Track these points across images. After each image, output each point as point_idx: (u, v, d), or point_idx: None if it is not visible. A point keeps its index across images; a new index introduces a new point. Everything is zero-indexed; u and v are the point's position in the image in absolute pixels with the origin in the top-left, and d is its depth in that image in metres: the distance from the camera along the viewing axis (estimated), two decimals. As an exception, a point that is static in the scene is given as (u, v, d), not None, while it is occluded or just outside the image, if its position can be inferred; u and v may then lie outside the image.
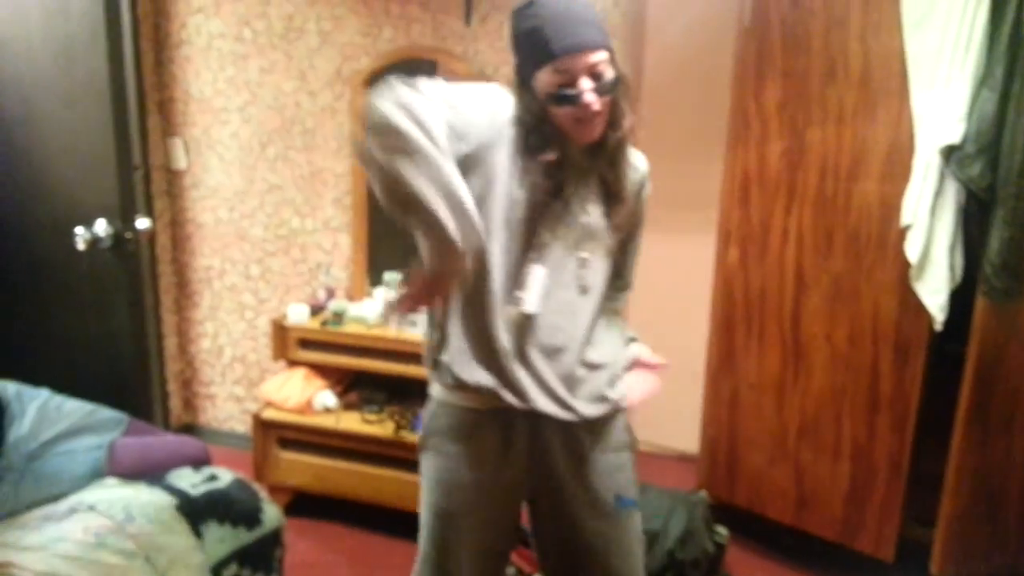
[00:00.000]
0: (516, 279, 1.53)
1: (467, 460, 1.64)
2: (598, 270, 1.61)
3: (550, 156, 1.50)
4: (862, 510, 2.61)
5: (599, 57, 1.43)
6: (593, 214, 1.57)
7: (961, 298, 2.33)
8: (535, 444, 1.62)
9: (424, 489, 1.71)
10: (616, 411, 1.67)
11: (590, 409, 1.60)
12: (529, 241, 1.53)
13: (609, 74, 1.45)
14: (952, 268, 2.30)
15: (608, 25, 1.50)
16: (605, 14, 2.93)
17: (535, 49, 1.43)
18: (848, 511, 2.64)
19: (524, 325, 1.54)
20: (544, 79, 1.44)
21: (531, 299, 1.53)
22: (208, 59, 3.39)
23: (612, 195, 1.59)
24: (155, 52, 3.44)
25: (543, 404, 1.56)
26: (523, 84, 1.49)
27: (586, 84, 1.42)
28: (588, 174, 1.56)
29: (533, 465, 1.64)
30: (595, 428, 1.64)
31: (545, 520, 1.71)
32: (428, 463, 1.70)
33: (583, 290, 1.58)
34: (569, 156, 1.53)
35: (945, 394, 2.45)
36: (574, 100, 1.42)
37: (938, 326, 2.33)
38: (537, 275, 1.53)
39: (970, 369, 2.37)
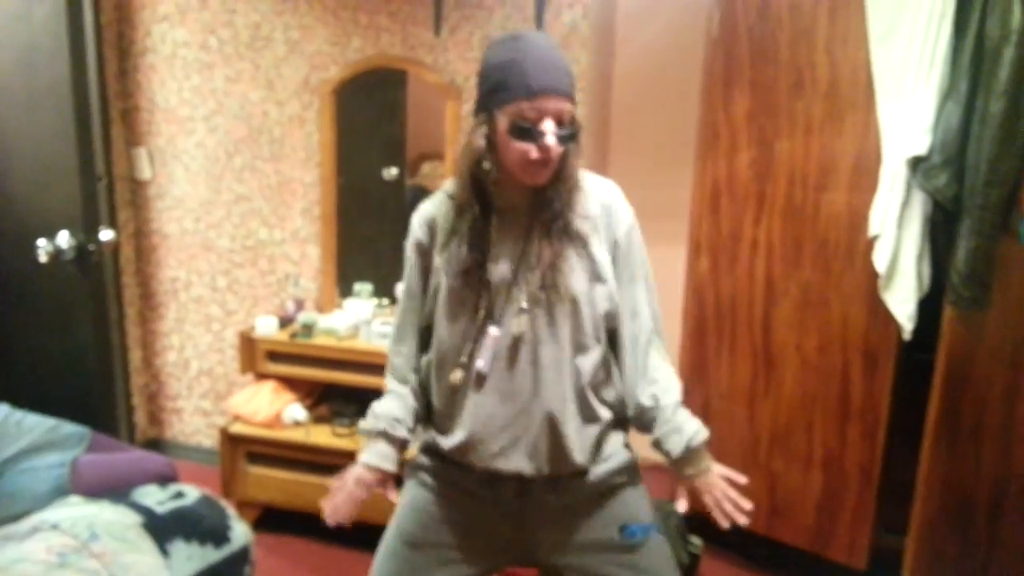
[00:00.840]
0: (474, 347, 1.56)
1: (450, 501, 1.65)
2: (562, 328, 1.54)
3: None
4: (834, 519, 2.62)
5: (567, 106, 1.45)
6: (553, 265, 1.53)
7: (930, 307, 2.36)
8: (528, 495, 1.61)
9: (397, 512, 1.72)
10: (601, 448, 1.64)
11: (567, 467, 1.58)
12: (472, 307, 1.56)
13: (571, 122, 1.48)
14: (920, 277, 2.33)
15: (573, 55, 1.53)
16: (575, 24, 2.94)
17: (511, 81, 1.43)
18: (820, 520, 2.65)
19: (480, 387, 1.56)
20: (511, 111, 1.44)
21: (481, 361, 1.54)
22: (173, 68, 3.35)
23: (570, 242, 1.55)
24: (119, 60, 3.39)
25: (516, 464, 1.56)
26: (486, 112, 1.49)
27: (549, 126, 1.43)
28: (533, 222, 1.54)
29: (527, 520, 1.62)
30: (584, 474, 1.62)
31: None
32: (409, 490, 1.72)
33: (538, 351, 1.54)
34: (500, 208, 1.55)
35: (916, 403, 2.47)
36: (536, 137, 1.43)
37: (907, 335, 2.35)
38: (491, 335, 1.54)
39: (938, 378, 2.40)
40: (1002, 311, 2.36)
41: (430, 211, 1.67)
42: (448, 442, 1.62)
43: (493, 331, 1.53)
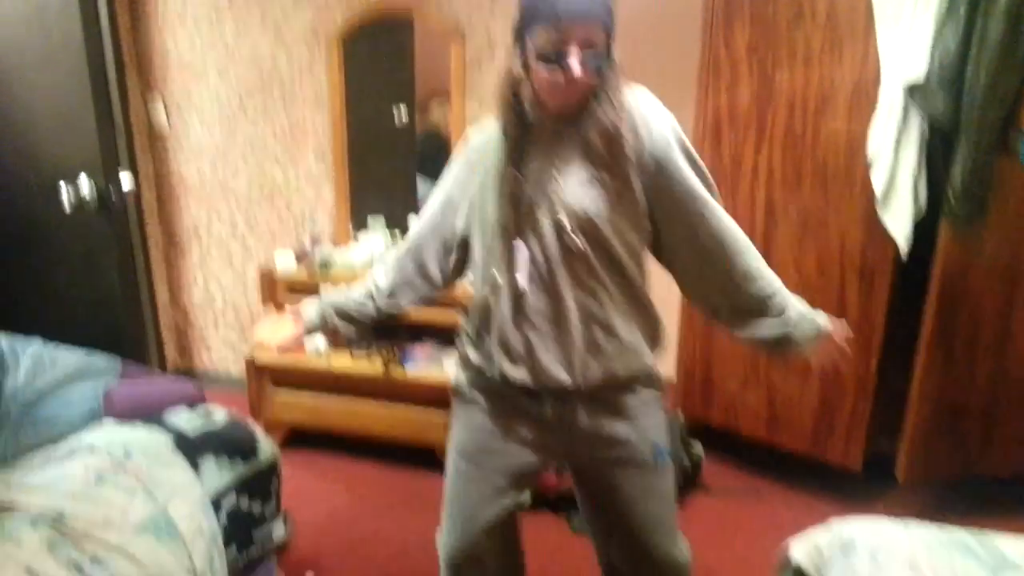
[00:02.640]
0: (508, 262, 1.49)
1: (494, 413, 1.61)
2: (583, 250, 1.46)
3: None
4: (831, 425, 2.62)
5: (597, 33, 1.36)
6: (576, 187, 1.46)
7: (927, 226, 2.31)
8: (564, 408, 1.56)
9: (453, 429, 1.69)
10: (638, 375, 1.58)
11: (600, 377, 1.53)
12: (507, 222, 1.48)
13: (600, 49, 1.38)
14: (916, 198, 2.27)
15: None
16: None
17: (540, 7, 1.36)
18: (818, 426, 2.65)
19: (521, 304, 1.49)
20: (540, 36, 1.36)
21: (520, 277, 1.47)
22: (184, 20, 3.26)
23: (597, 166, 1.46)
24: (131, 14, 3.29)
25: (556, 373, 1.51)
26: (518, 38, 1.43)
27: (575, 52, 1.35)
28: (564, 146, 1.46)
29: (562, 428, 1.58)
30: (623, 388, 1.57)
31: (586, 481, 1.67)
32: (459, 409, 1.68)
33: (572, 266, 1.48)
34: (539, 129, 1.47)
35: (915, 316, 2.45)
36: (562, 63, 1.36)
37: (903, 254, 2.31)
38: (521, 252, 1.47)
39: (933, 293, 2.37)
40: (998, 228, 2.32)
41: (481, 142, 1.60)
42: (492, 361, 1.57)
43: (523, 249, 1.47)
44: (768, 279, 1.53)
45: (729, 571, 2.37)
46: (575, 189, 1.45)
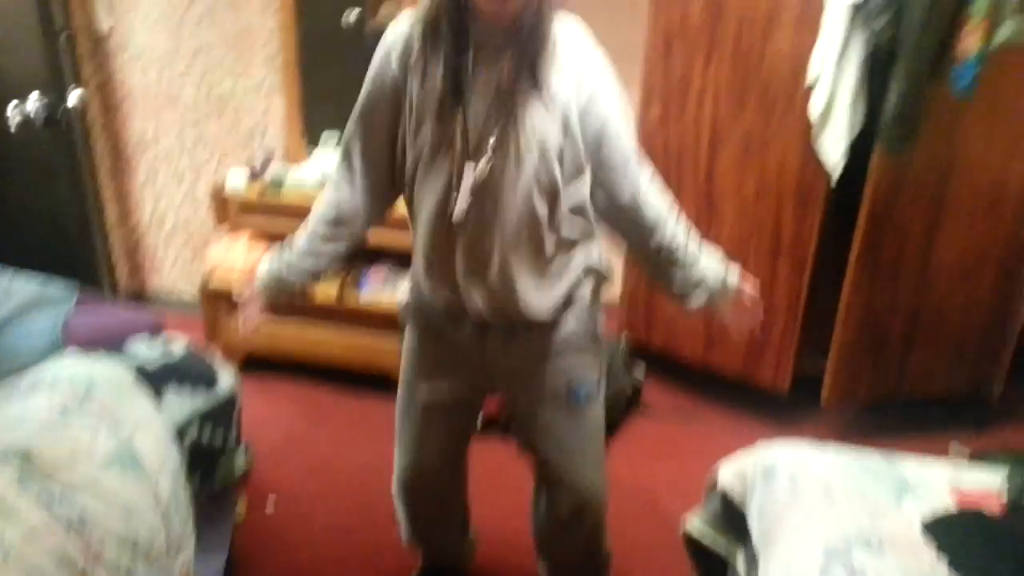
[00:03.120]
0: (450, 184, 1.44)
1: (430, 339, 1.68)
2: (525, 176, 1.42)
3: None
4: (762, 348, 2.75)
5: None
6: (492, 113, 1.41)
7: (861, 151, 2.38)
8: (487, 338, 1.61)
9: (403, 351, 1.77)
10: (565, 309, 1.60)
11: (532, 312, 1.54)
12: (443, 143, 1.43)
13: None
14: (852, 120, 2.33)
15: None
16: None
17: None
18: (750, 349, 2.78)
19: (452, 232, 1.47)
20: None
21: (461, 203, 1.43)
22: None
23: (526, 93, 1.41)
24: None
25: (477, 305, 1.52)
26: None
27: None
28: (501, 62, 1.41)
29: (488, 356, 1.63)
30: (544, 326, 1.60)
31: (511, 407, 1.76)
32: (406, 333, 1.75)
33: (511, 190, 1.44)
34: (478, 43, 1.41)
35: (844, 240, 2.54)
36: None
37: (832, 182, 2.39)
38: (467, 176, 1.42)
39: (863, 215, 2.46)
40: (927, 152, 2.40)
41: (399, 39, 1.49)
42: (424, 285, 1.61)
43: (469, 171, 1.41)
44: (675, 229, 1.56)
45: (664, 491, 2.52)
46: (518, 111, 1.40)
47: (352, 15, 3.07)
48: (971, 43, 2.14)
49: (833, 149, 2.35)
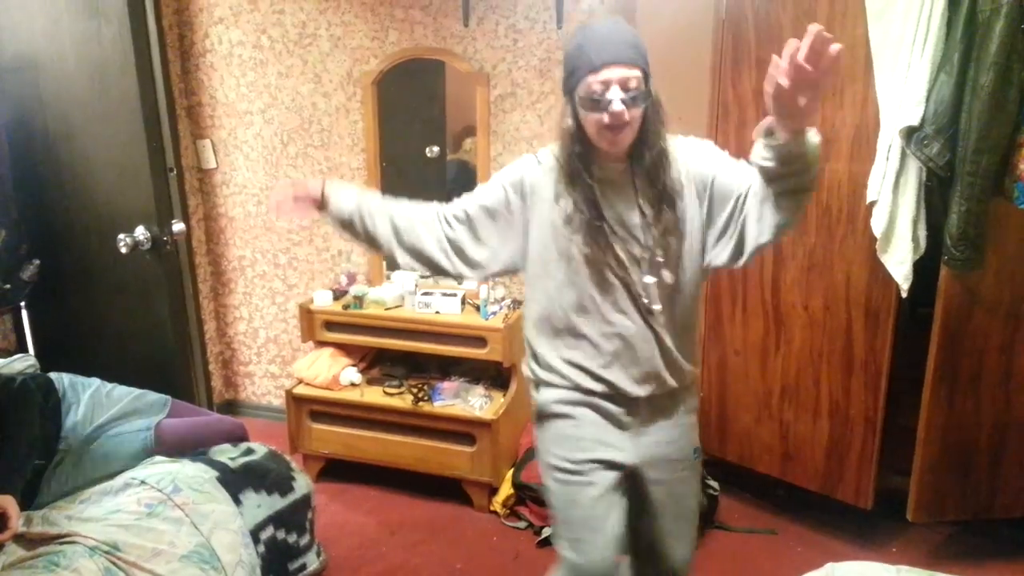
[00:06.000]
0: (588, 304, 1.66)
1: (588, 417, 1.74)
2: (667, 289, 1.65)
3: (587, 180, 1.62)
4: (841, 463, 2.69)
5: (632, 73, 1.52)
6: (643, 233, 1.63)
7: (931, 264, 2.38)
8: (637, 417, 1.74)
9: (546, 454, 1.79)
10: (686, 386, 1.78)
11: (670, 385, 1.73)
12: (595, 268, 1.64)
13: (639, 89, 1.53)
14: (916, 240, 2.34)
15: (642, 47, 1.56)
16: (592, 9, 2.98)
17: (580, 61, 1.54)
18: (829, 464, 2.72)
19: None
20: (584, 87, 1.53)
21: (657, 305, 1.65)
22: (230, 66, 3.48)
23: (658, 209, 1.62)
24: (181, 60, 3.53)
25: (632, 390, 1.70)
26: (568, 94, 1.60)
27: (616, 93, 1.51)
28: (629, 191, 1.63)
29: (636, 432, 1.75)
30: (674, 396, 1.76)
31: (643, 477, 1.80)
32: (547, 429, 1.79)
33: (647, 311, 1.65)
34: (605, 176, 1.63)
35: (922, 354, 2.50)
36: (604, 105, 1.51)
37: (903, 294, 2.39)
38: (648, 282, 1.64)
39: (936, 332, 2.43)
40: (997, 269, 2.39)
41: (528, 174, 1.71)
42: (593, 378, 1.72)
43: (648, 279, 1.63)
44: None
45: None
46: (665, 224, 1.61)
47: (434, 151, 3.34)
48: (1033, 160, 2.17)
49: (897, 269, 2.37)
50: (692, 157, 1.67)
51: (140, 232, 2.60)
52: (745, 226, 1.57)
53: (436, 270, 1.79)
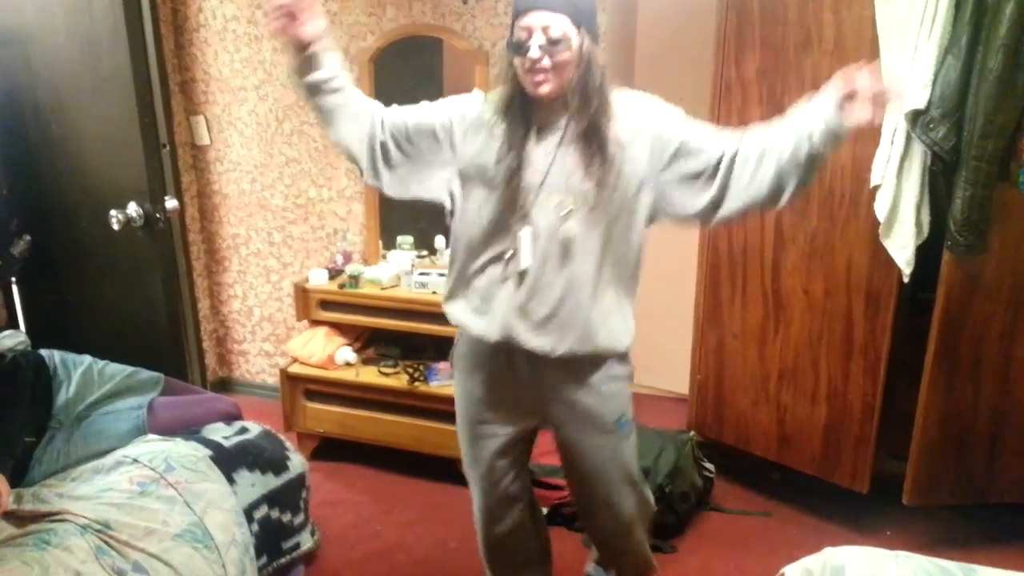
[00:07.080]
0: (501, 238, 1.68)
1: (480, 381, 1.83)
2: (589, 230, 1.65)
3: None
4: (838, 447, 2.68)
5: (555, 19, 1.54)
6: (574, 175, 1.64)
7: (933, 248, 2.36)
8: (536, 372, 1.76)
9: (455, 398, 1.93)
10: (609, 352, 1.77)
11: (582, 348, 1.72)
12: (510, 204, 1.65)
13: (560, 36, 1.54)
14: (919, 225, 2.32)
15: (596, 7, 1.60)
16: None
17: (512, 9, 1.60)
18: (826, 448, 2.71)
19: (518, 281, 1.68)
20: (514, 31, 1.58)
21: (524, 257, 1.66)
22: (224, 41, 3.42)
23: (593, 155, 1.63)
24: (175, 36, 3.47)
25: (535, 343, 1.70)
26: (508, 43, 1.63)
27: (537, 39, 1.54)
28: (558, 139, 1.64)
29: (537, 390, 1.79)
30: (589, 362, 1.76)
31: (559, 436, 1.89)
32: (456, 379, 1.93)
33: (567, 249, 1.65)
34: (542, 122, 1.65)
35: (920, 339, 2.49)
36: (523, 50, 1.55)
37: (906, 278, 2.36)
38: (525, 236, 1.65)
39: (936, 317, 2.42)
40: (1000, 255, 2.36)
41: (465, 106, 1.76)
42: (480, 326, 1.75)
43: (527, 231, 1.65)
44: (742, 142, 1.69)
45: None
46: (572, 173, 1.63)
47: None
48: (1038, 146, 2.15)
49: (900, 254, 2.34)
50: (650, 115, 1.69)
51: (132, 208, 2.55)
52: (728, 188, 1.65)
53: (356, 164, 1.81)
